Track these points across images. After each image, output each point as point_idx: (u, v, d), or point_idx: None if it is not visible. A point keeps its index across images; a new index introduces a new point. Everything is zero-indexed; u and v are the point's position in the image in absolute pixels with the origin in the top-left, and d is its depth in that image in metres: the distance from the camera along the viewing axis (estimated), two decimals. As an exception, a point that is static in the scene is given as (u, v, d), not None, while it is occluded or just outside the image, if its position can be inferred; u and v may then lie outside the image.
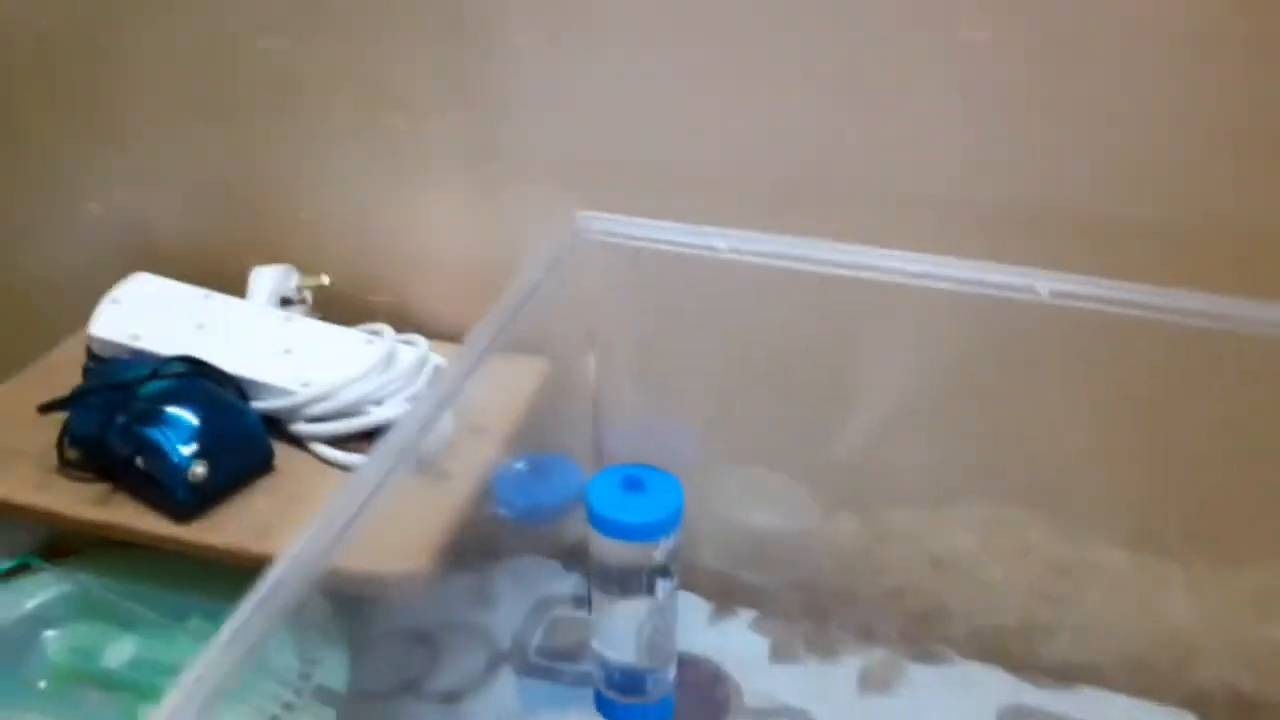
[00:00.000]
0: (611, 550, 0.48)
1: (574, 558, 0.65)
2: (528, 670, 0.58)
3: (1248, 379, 0.50)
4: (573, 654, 0.59)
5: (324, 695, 0.48)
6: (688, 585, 0.64)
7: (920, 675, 0.60)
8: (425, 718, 0.56)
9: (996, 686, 0.59)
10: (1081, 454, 0.56)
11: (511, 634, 0.61)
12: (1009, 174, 0.53)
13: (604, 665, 0.53)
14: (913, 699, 0.59)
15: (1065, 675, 0.60)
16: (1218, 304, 0.46)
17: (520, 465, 0.54)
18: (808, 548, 0.63)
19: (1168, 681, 0.59)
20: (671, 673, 0.54)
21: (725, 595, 0.65)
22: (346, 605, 0.52)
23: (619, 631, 0.50)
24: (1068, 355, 0.52)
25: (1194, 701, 0.59)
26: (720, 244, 0.51)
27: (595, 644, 0.52)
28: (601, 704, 0.54)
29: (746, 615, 0.64)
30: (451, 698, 0.57)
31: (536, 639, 0.61)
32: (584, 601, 0.56)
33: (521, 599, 0.63)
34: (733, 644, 0.61)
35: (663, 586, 0.49)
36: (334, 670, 0.50)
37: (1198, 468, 0.54)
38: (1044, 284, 0.48)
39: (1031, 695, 0.59)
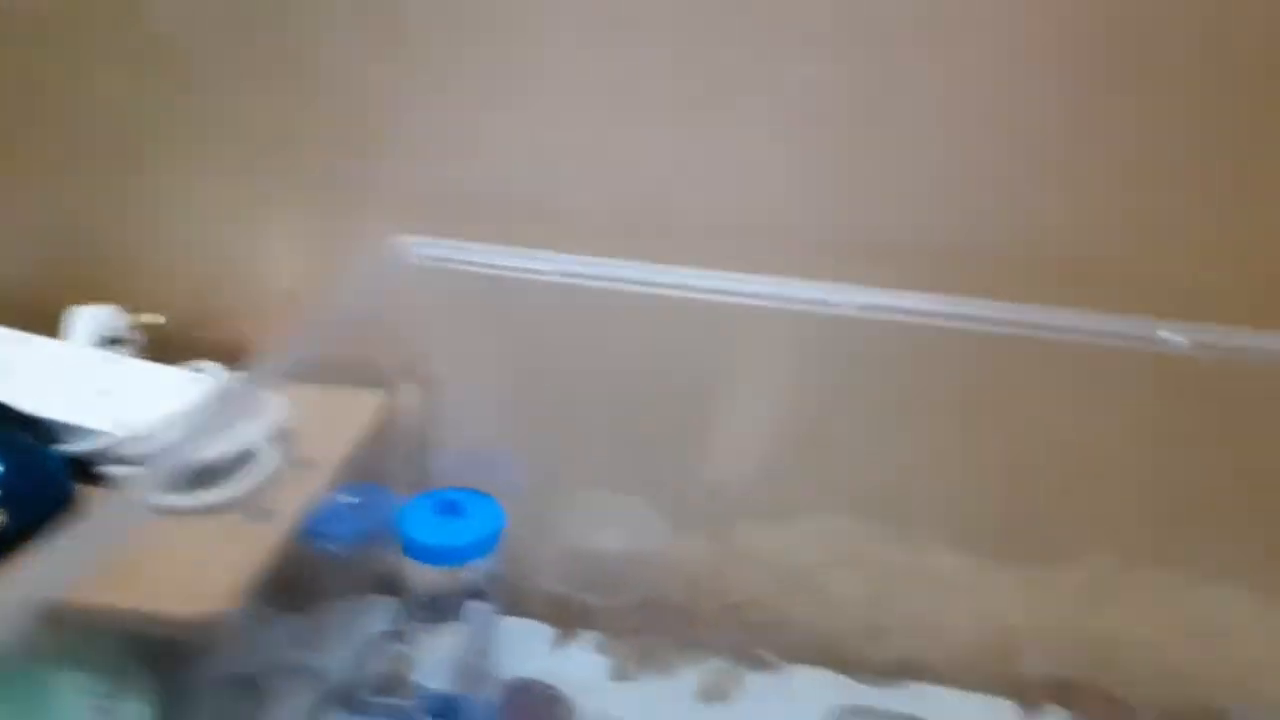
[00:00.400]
0: (422, 575, 0.48)
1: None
2: (357, 708, 0.58)
3: (1061, 382, 0.54)
4: (402, 688, 0.59)
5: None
6: (529, 611, 0.65)
7: (757, 684, 0.61)
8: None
9: (830, 688, 0.61)
10: (912, 463, 0.58)
11: (340, 672, 0.60)
12: (834, 201, 0.56)
13: (421, 694, 0.52)
14: (749, 706, 0.60)
15: (896, 673, 0.63)
16: (1027, 312, 0.50)
17: (341, 498, 0.54)
18: (653, 568, 0.64)
19: (995, 674, 0.62)
20: (492, 698, 0.54)
21: (567, 619, 0.65)
22: (152, 652, 0.51)
23: (434, 658, 0.50)
24: (890, 369, 0.55)
25: (1018, 691, 0.62)
26: (545, 267, 0.52)
27: (413, 674, 0.52)
28: None
29: (589, 638, 0.64)
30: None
31: (365, 676, 0.60)
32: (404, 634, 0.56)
33: (352, 636, 0.62)
34: (573, 667, 0.62)
35: (478, 610, 0.49)
36: None
37: (1021, 470, 0.57)
38: (848, 297, 0.50)
39: (864, 694, 0.61)
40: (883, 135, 0.54)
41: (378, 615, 0.63)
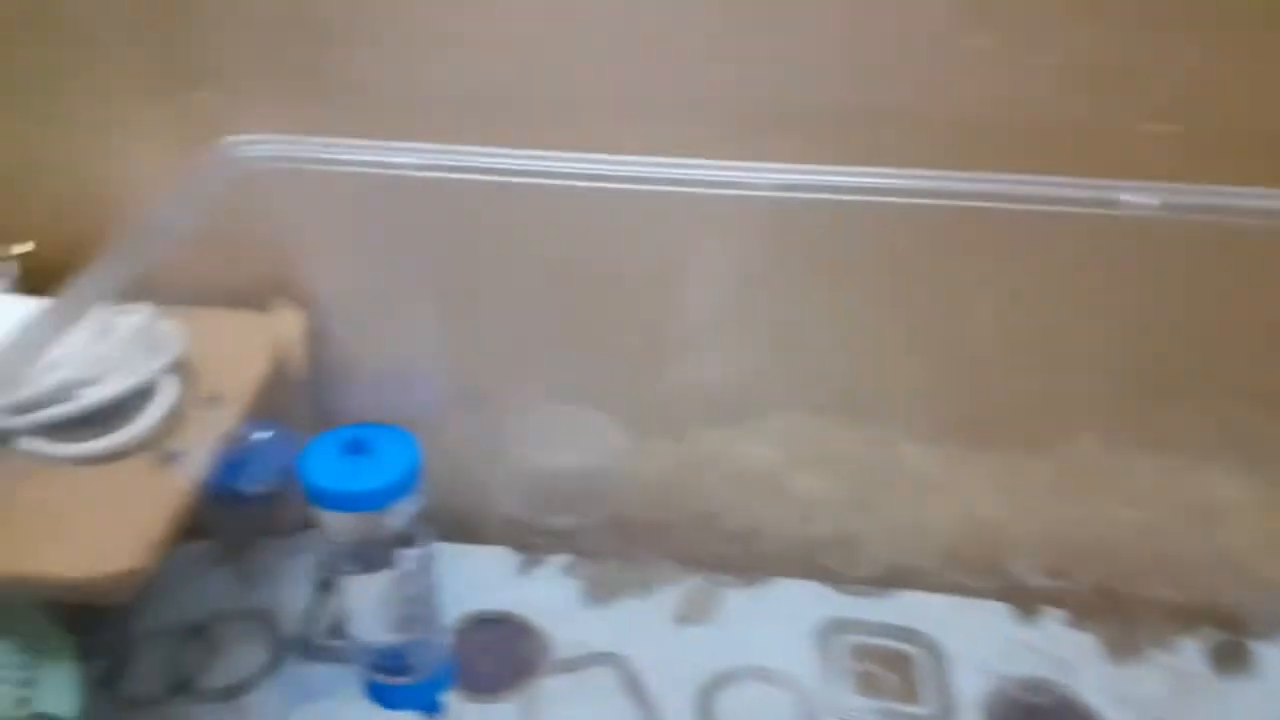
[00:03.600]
0: (337, 523, 0.42)
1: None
2: (313, 654, 0.53)
3: (1023, 256, 0.48)
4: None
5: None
6: (491, 539, 0.60)
7: (737, 600, 0.58)
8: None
9: (813, 600, 0.58)
10: (875, 354, 0.54)
11: (291, 616, 0.56)
12: (746, 72, 0.48)
13: (361, 648, 0.48)
14: (730, 626, 0.56)
15: (882, 581, 0.59)
16: (983, 182, 0.44)
17: (253, 435, 0.48)
18: (617, 482, 0.60)
19: (983, 574, 0.59)
20: (442, 643, 0.50)
21: (532, 544, 0.61)
22: (72, 615, 0.46)
23: (366, 610, 0.45)
24: (842, 253, 0.50)
25: (1011, 592, 0.59)
26: (410, 159, 0.44)
27: (349, 626, 0.47)
28: (371, 688, 0.49)
29: (557, 561, 0.60)
30: (230, 694, 0.52)
31: (317, 618, 0.55)
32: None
33: (296, 576, 0.58)
34: (542, 595, 0.58)
35: (407, 557, 0.44)
36: (58, 693, 0.43)
37: (989, 354, 0.52)
38: (797, 178, 0.44)
39: (849, 605, 0.58)
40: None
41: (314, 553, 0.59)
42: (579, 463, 0.59)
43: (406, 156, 0.45)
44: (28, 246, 0.54)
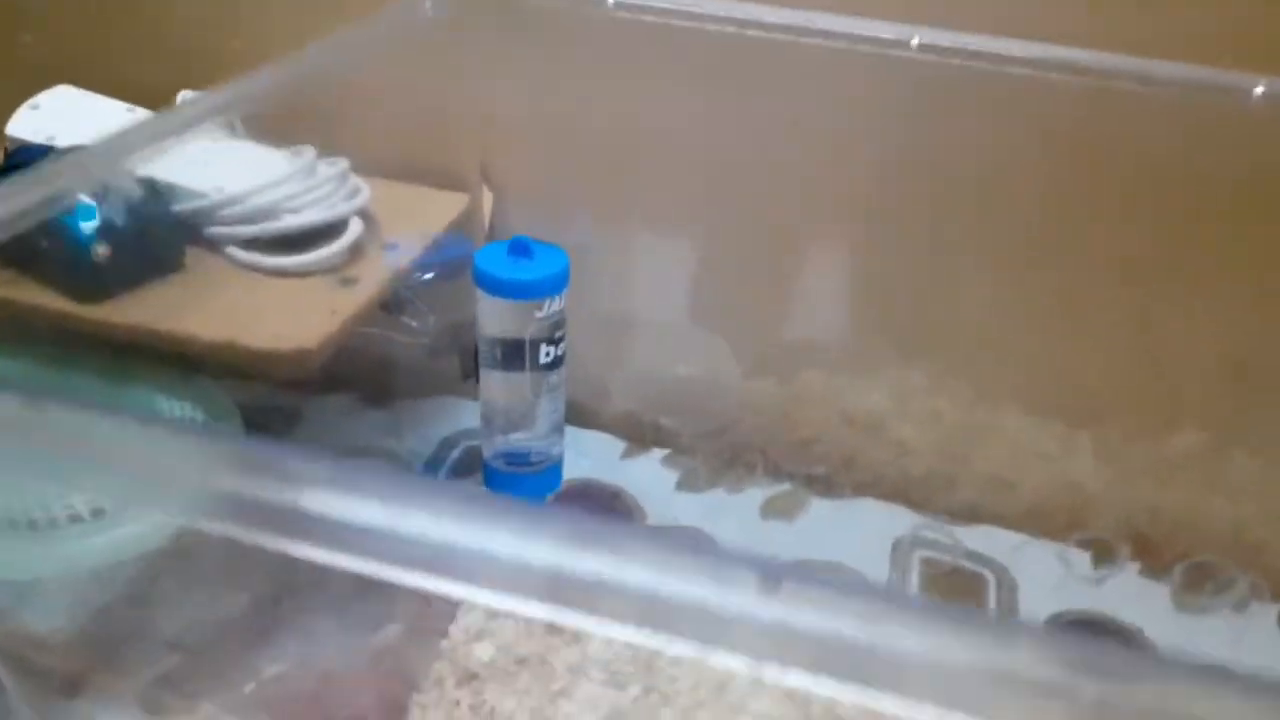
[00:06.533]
0: (493, 311, 0.50)
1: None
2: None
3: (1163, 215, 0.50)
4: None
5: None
6: (600, 425, 0.66)
7: (821, 508, 0.62)
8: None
9: (895, 519, 0.61)
10: (997, 319, 0.57)
11: (420, 465, 0.62)
12: None
13: (488, 436, 0.55)
14: (811, 527, 0.60)
15: (967, 516, 0.62)
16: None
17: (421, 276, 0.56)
18: (724, 400, 0.65)
19: (1065, 526, 0.61)
20: (559, 446, 0.57)
21: (638, 436, 0.66)
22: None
23: (501, 401, 0.52)
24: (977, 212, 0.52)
25: (1088, 544, 0.61)
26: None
27: (482, 415, 0.55)
28: (488, 475, 0.57)
29: (659, 453, 0.65)
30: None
31: (444, 471, 0.62)
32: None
33: (432, 434, 0.64)
34: (641, 475, 0.63)
35: (545, 352, 0.51)
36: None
37: (1113, 342, 0.55)
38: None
39: (929, 526, 0.61)
40: None
41: (468, 418, 0.65)
42: (693, 374, 0.64)
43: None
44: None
